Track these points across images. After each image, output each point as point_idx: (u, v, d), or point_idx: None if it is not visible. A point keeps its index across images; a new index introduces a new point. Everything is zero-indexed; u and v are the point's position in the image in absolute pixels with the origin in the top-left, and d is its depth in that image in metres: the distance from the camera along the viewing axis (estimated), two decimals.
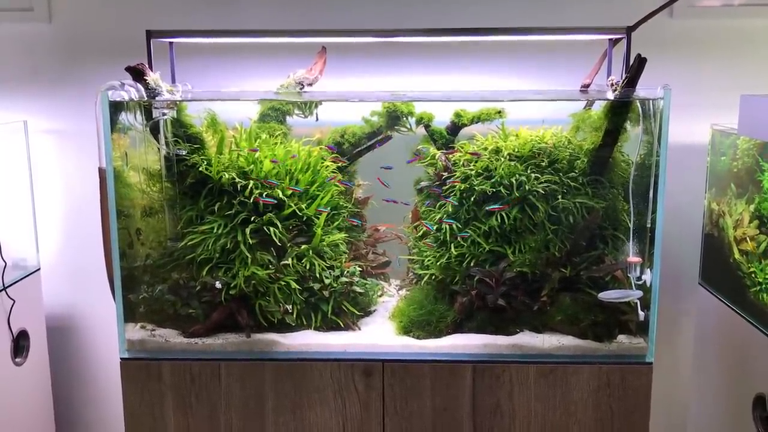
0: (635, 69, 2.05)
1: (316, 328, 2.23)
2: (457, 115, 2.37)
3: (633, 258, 2.13)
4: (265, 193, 2.20)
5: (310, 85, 2.50)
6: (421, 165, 2.42)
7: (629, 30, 2.27)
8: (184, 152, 2.18)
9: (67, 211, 2.96)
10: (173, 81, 2.49)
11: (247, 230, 2.17)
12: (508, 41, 2.66)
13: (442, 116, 2.41)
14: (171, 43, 2.49)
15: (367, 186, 2.55)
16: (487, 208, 2.18)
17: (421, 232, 2.34)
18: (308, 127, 2.52)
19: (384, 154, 2.49)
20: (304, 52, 2.51)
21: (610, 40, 2.38)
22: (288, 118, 2.51)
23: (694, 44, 2.75)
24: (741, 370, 2.42)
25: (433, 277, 2.28)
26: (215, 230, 2.17)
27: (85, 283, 2.99)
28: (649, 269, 2.11)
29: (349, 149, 2.47)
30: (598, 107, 2.24)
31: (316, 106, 2.52)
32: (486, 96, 2.42)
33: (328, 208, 2.28)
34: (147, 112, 2.19)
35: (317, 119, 2.52)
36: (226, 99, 2.29)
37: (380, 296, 2.42)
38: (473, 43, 2.73)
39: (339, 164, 2.40)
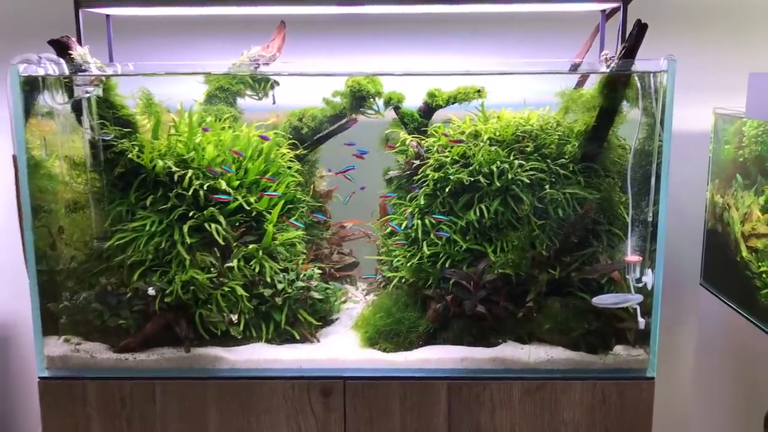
0: (635, 37, 1.78)
1: (268, 341, 1.97)
2: (431, 95, 2.10)
3: (631, 257, 1.86)
4: (206, 184, 1.90)
5: (267, 64, 2.22)
6: (390, 153, 2.13)
7: None
8: (110, 136, 1.88)
9: None
10: (111, 60, 2.21)
11: (185, 227, 1.87)
12: (491, 14, 2.39)
13: (414, 97, 2.13)
14: (108, 16, 2.21)
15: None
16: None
17: (389, 229, 2.05)
18: (263, 111, 2.23)
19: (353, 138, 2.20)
20: (262, 28, 2.23)
21: (603, 11, 2.12)
22: (240, 100, 2.21)
23: (694, 19, 2.50)
24: (749, 382, 2.19)
25: (403, 280, 2.00)
26: (148, 227, 1.88)
27: (22, 288, 2.68)
28: (650, 269, 1.85)
29: (309, 134, 2.17)
30: (591, 85, 1.97)
31: (272, 87, 2.24)
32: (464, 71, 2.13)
33: (277, 192, 1.97)
34: (70, 90, 1.89)
35: (274, 102, 2.24)
36: (156, 74, 1.99)
37: (344, 302, 2.14)
38: (451, 17, 2.46)
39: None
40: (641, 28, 1.77)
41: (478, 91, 2.05)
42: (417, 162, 2.04)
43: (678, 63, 2.39)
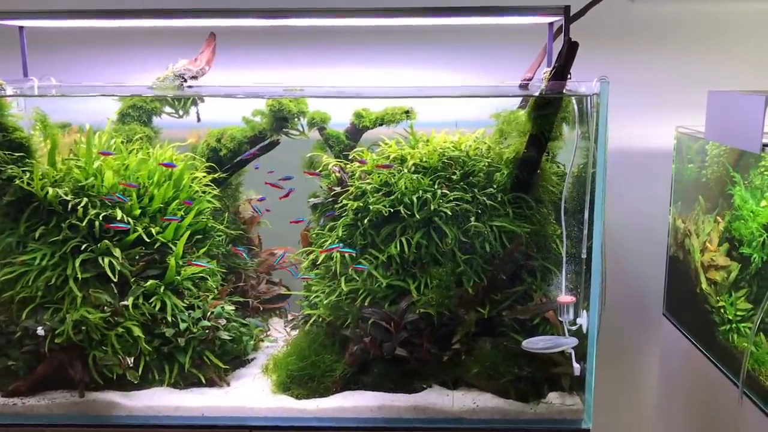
0: (565, 56, 1.61)
1: (171, 385, 1.81)
2: (358, 115, 1.94)
3: (564, 298, 1.69)
4: (103, 214, 1.74)
5: (195, 78, 2.06)
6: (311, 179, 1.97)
7: (567, 11, 1.83)
8: None
9: None
10: (25, 74, 2.06)
11: (77, 261, 1.71)
12: (432, 27, 2.21)
13: (341, 116, 1.97)
14: (21, 28, 2.06)
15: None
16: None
17: (309, 260, 1.89)
18: (183, 129, 2.07)
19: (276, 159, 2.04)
20: (194, 39, 2.07)
21: (550, 24, 1.94)
22: (156, 118, 2.06)
23: (658, 33, 2.35)
24: (709, 421, 2.03)
25: (321, 318, 1.83)
26: (38, 261, 1.72)
27: None
28: (585, 311, 1.67)
29: (228, 156, 2.01)
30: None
31: (195, 103, 2.08)
32: (391, 92, 1.96)
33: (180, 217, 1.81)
34: None
35: (199, 120, 2.08)
36: (43, 95, 1.83)
37: (261, 341, 1.96)
38: (388, 29, 2.29)
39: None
40: (571, 46, 1.60)
41: (407, 112, 1.89)
42: (338, 189, 1.87)
43: (641, 78, 2.21)
